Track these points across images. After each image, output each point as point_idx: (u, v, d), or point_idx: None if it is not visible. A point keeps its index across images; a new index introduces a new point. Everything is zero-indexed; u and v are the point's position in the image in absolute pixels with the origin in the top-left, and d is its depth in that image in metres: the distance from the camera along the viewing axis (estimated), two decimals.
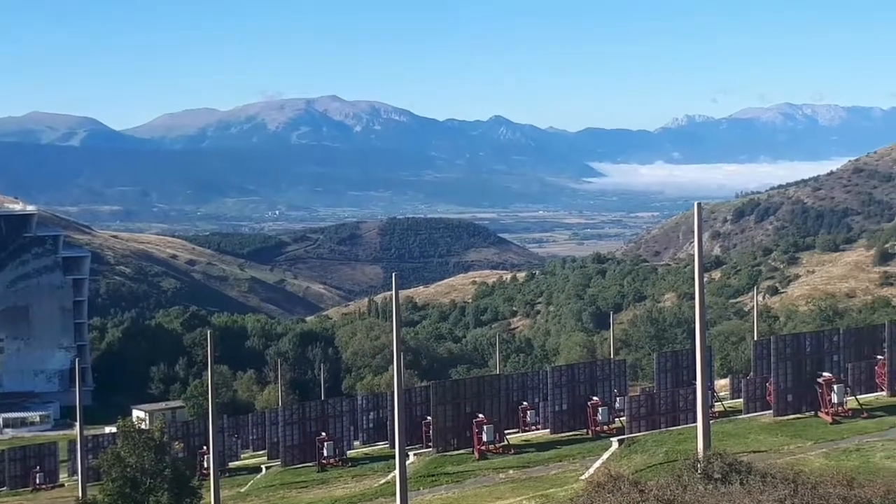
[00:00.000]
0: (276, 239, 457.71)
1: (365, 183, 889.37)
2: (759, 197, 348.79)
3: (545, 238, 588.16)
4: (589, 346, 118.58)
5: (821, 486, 15.28)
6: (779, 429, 35.46)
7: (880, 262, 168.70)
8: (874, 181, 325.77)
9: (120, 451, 34.84)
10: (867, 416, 36.71)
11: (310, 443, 47.53)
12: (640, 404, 40.12)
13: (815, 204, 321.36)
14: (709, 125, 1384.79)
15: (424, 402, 46.22)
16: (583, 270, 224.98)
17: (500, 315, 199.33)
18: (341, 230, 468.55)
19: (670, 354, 50.08)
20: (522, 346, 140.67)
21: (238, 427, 70.14)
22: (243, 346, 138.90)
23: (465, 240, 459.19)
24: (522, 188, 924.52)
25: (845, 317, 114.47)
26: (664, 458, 31.78)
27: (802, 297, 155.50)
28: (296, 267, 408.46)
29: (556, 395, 43.71)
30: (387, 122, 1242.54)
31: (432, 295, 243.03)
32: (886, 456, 29.15)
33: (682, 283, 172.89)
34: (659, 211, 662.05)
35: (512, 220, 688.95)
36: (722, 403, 46.36)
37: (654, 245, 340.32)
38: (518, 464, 37.88)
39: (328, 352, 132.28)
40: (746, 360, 77.81)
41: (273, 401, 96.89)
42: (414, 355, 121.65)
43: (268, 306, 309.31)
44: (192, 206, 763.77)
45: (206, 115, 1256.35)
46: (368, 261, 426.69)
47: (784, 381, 37.86)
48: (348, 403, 53.20)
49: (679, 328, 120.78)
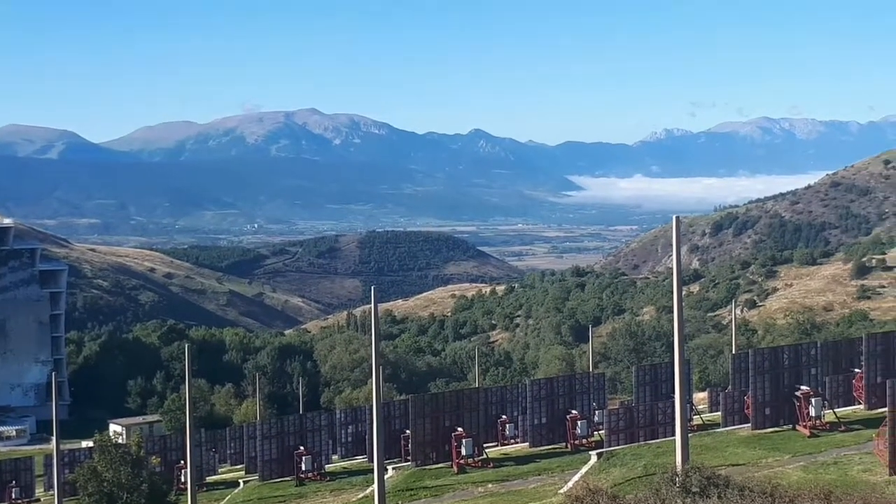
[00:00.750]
0: (254, 252, 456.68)
1: (344, 196, 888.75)
2: (738, 210, 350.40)
3: (524, 251, 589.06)
4: (568, 359, 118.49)
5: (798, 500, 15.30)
6: (757, 442, 35.53)
7: (857, 275, 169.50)
8: (851, 195, 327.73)
9: (96, 465, 34.65)
10: (845, 429, 36.82)
11: (288, 457, 47.30)
12: (618, 418, 40.14)
13: (792, 218, 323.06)
14: (687, 139, 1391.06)
15: (403, 416, 46.13)
16: (562, 284, 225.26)
17: (479, 328, 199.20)
18: (320, 243, 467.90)
19: (649, 368, 50.12)
20: (501, 359, 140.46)
21: (216, 441, 69.75)
22: (221, 359, 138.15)
23: (444, 253, 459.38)
24: (502, 201, 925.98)
25: (823, 330, 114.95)
26: (643, 471, 31.78)
27: (780, 310, 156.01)
28: (274, 280, 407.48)
29: (535, 408, 43.66)
30: (366, 135, 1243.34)
31: (411, 308, 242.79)
32: (864, 469, 29.23)
33: (661, 297, 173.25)
34: (638, 224, 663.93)
35: (491, 234, 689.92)
36: (700, 417, 46.42)
37: (633, 258, 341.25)
38: (497, 477, 37.81)
39: (307, 365, 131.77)
40: (725, 373, 78.03)
41: (251, 415, 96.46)
42: (393, 369, 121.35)
43: (246, 320, 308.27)
44: (171, 219, 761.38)
45: (185, 127, 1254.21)
46: (347, 274, 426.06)
47: (762, 394, 37.97)
48: (327, 417, 52.98)
49: (658, 341, 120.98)
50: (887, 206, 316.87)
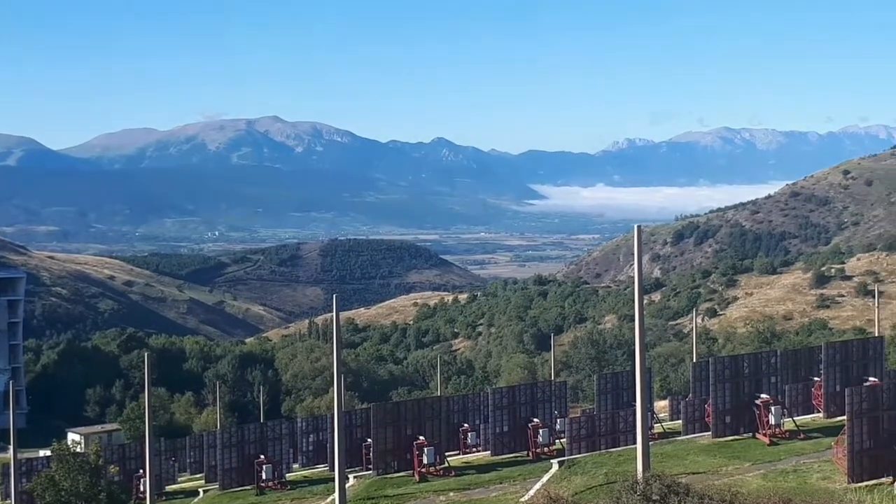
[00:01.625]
0: (215, 260, 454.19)
1: (306, 204, 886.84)
2: (698, 220, 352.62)
3: (487, 260, 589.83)
4: (530, 367, 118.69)
5: None
6: (717, 450, 35.68)
7: (817, 284, 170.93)
8: (811, 205, 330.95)
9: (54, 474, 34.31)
10: (804, 437, 37.07)
11: (248, 466, 46.94)
12: (580, 426, 40.18)
13: (753, 227, 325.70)
14: (649, 148, 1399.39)
15: (365, 425, 45.93)
16: (524, 292, 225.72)
17: (441, 337, 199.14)
18: (282, 251, 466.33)
19: (610, 376, 50.27)
20: (464, 367, 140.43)
21: (175, 450, 69.19)
22: (181, 368, 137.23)
23: (406, 261, 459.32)
24: (465, 210, 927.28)
25: (783, 339, 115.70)
26: (604, 479, 31.82)
27: (741, 319, 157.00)
28: (235, 288, 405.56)
29: (496, 416, 43.61)
30: (329, 143, 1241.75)
31: (373, 316, 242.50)
32: (823, 477, 29.43)
33: (623, 305, 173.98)
34: (600, 233, 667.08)
35: (454, 242, 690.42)
36: (661, 425, 46.58)
37: (595, 267, 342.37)
38: (458, 486, 37.72)
39: (268, 374, 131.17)
40: (686, 381, 78.46)
41: (211, 423, 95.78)
42: (354, 377, 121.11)
43: (207, 328, 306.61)
44: (131, 227, 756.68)
45: (145, 134, 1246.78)
46: (309, 282, 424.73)
47: (722, 402, 38.15)
48: (288, 426, 52.69)
49: (619, 350, 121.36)
50: (846, 215, 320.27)
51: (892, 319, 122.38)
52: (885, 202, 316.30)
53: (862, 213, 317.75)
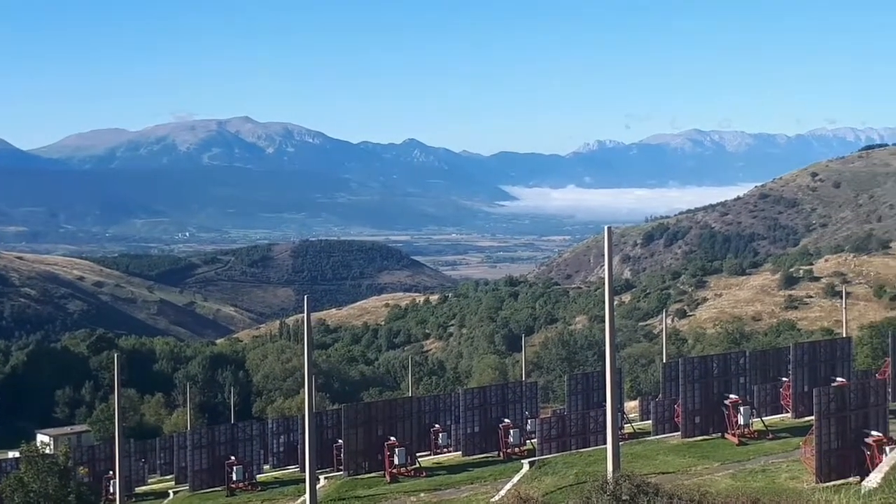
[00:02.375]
0: (186, 261, 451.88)
1: (277, 205, 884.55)
2: (668, 221, 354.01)
3: (458, 261, 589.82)
4: (501, 368, 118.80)
5: None
6: (687, 450, 35.89)
7: (785, 285, 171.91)
8: (779, 207, 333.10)
9: (23, 476, 34.06)
10: (772, 437, 37.35)
11: (219, 467, 46.81)
12: (551, 426, 40.30)
13: (722, 228, 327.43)
14: (619, 150, 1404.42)
15: (336, 426, 45.94)
16: (495, 293, 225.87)
17: (412, 338, 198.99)
18: (253, 252, 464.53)
19: (581, 377, 50.39)
20: (435, 368, 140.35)
21: (145, 451, 68.90)
22: (151, 369, 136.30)
23: (378, 262, 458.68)
24: (436, 211, 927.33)
25: (751, 339, 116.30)
26: (574, 479, 31.94)
27: (710, 319, 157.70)
28: (206, 289, 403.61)
29: (467, 417, 43.69)
30: (300, 143, 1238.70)
31: (345, 317, 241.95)
32: (791, 477, 29.65)
33: (593, 306, 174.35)
34: (570, 234, 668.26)
35: (425, 243, 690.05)
36: (632, 425, 46.79)
37: (566, 268, 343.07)
38: (429, 486, 37.76)
39: (238, 375, 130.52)
40: (656, 381, 78.80)
41: (181, 424, 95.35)
42: (326, 378, 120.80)
43: (177, 329, 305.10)
44: (101, 228, 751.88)
45: (116, 135, 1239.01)
46: (280, 283, 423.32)
47: (692, 402, 38.38)
48: (258, 427, 52.58)
49: (590, 350, 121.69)
50: (814, 217, 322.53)
51: (859, 320, 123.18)
52: (852, 204, 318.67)
53: (830, 215, 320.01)
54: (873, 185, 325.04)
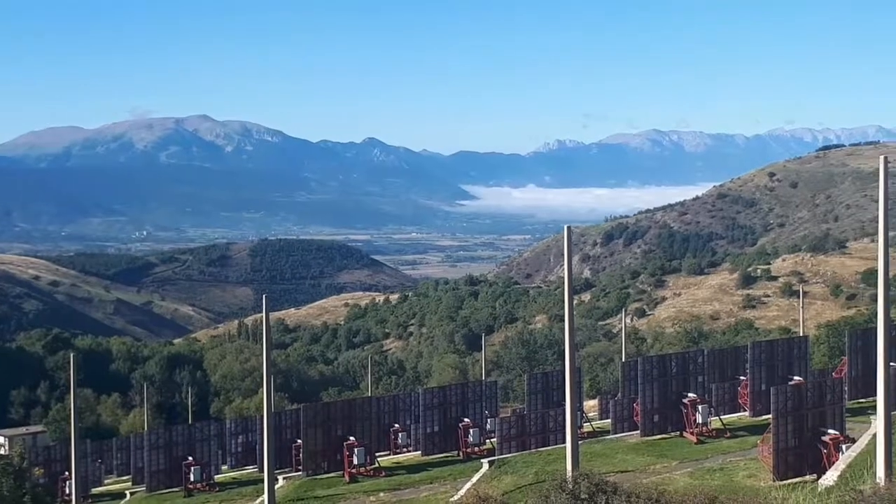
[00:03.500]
0: (143, 260, 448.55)
1: (236, 204, 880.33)
2: (628, 221, 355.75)
3: (418, 260, 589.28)
4: (461, 367, 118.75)
5: None
6: (645, 449, 36.02)
7: (743, 285, 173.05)
8: (737, 206, 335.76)
9: None
10: (730, 435, 37.57)
11: (176, 467, 46.47)
12: (510, 425, 40.31)
13: (681, 228, 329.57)
14: (579, 150, 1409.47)
15: (295, 425, 45.76)
16: (455, 292, 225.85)
17: (372, 337, 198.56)
18: (211, 251, 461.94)
19: (541, 376, 50.47)
20: (395, 368, 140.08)
21: (102, 452, 68.14)
22: (108, 369, 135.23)
23: (337, 261, 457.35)
24: (396, 210, 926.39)
25: (710, 338, 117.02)
26: (533, 478, 31.95)
27: (669, 318, 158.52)
28: (164, 288, 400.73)
29: (427, 416, 43.62)
30: (259, 142, 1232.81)
31: (304, 317, 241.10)
32: (749, 475, 29.81)
33: (553, 305, 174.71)
34: (530, 234, 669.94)
35: (385, 242, 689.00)
36: (591, 424, 46.88)
37: (526, 267, 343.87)
38: (389, 486, 37.68)
39: (196, 375, 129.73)
40: (615, 380, 78.98)
41: (138, 425, 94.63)
42: (284, 378, 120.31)
43: (134, 329, 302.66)
44: (57, 227, 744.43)
45: (72, 133, 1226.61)
46: (239, 282, 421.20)
47: (651, 401, 38.54)
48: (216, 427, 52.17)
49: (550, 349, 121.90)
50: (772, 217, 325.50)
51: (816, 319, 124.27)
52: (809, 204, 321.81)
53: (787, 215, 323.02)
54: (830, 186, 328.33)
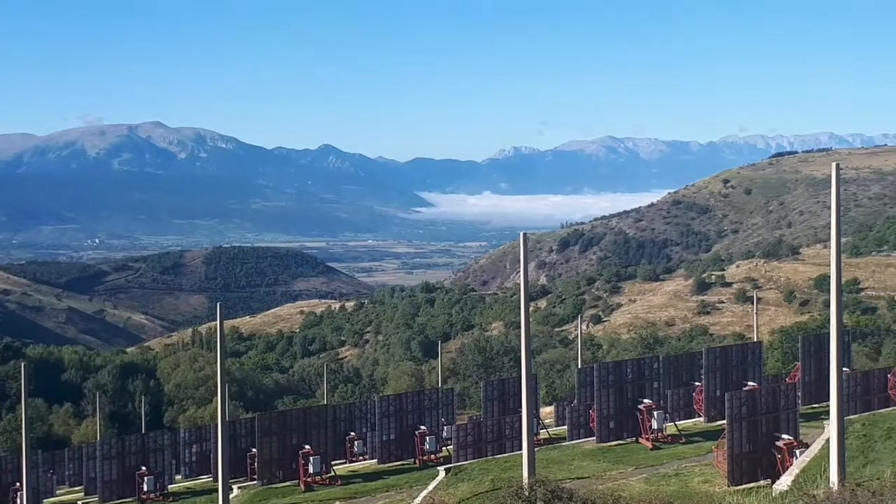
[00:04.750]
0: (95, 268, 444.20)
1: (189, 211, 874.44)
2: (584, 227, 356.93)
3: (374, 267, 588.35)
4: (417, 375, 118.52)
5: None
6: (601, 455, 36.07)
7: (698, 291, 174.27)
8: (692, 213, 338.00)
9: None
10: (685, 441, 37.72)
11: (129, 477, 45.96)
12: (467, 433, 40.26)
13: (636, 234, 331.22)
14: (535, 157, 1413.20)
15: (249, 434, 45.42)
16: (411, 300, 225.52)
17: (328, 345, 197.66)
18: (164, 259, 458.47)
19: (497, 383, 50.45)
20: (350, 375, 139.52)
21: (54, 462, 67.39)
22: (60, 378, 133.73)
23: (292, 269, 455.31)
24: (351, 217, 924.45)
25: (665, 344, 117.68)
26: (490, 485, 31.88)
27: (624, 325, 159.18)
28: (116, 297, 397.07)
29: (383, 424, 43.49)
30: (213, 149, 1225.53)
31: (259, 325, 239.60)
32: (704, 480, 29.91)
33: (509, 312, 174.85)
34: (487, 241, 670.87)
35: (341, 250, 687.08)
36: (547, 431, 46.92)
37: (482, 274, 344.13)
38: (344, 495, 37.49)
39: (149, 384, 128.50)
40: (571, 387, 79.26)
41: (91, 435, 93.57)
42: (239, 386, 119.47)
43: (86, 337, 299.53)
44: (7, 234, 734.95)
45: (22, 140, 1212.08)
46: (193, 290, 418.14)
47: (606, 407, 38.61)
48: (170, 436, 51.72)
49: (506, 356, 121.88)
50: (726, 223, 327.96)
51: (770, 325, 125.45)
52: (763, 210, 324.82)
53: (741, 221, 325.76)
54: (783, 192, 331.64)
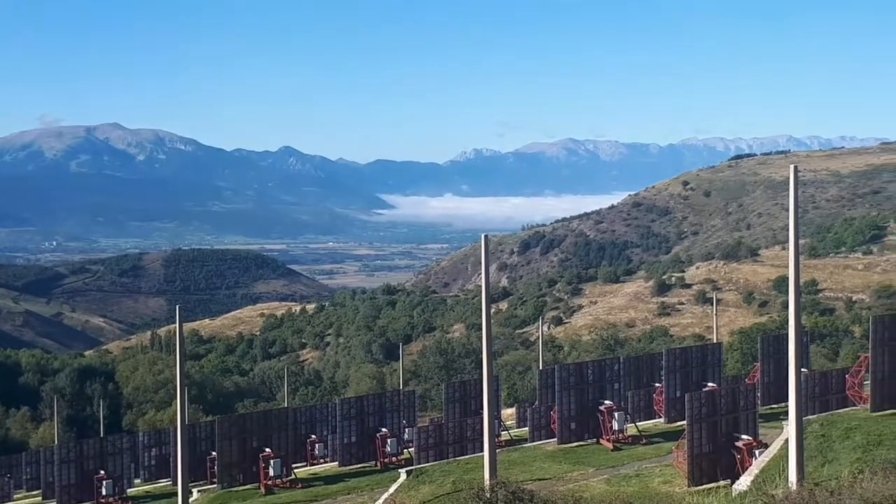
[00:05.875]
0: (53, 271, 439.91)
1: (148, 213, 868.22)
2: (544, 229, 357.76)
3: (335, 269, 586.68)
4: (378, 377, 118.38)
5: None
6: (562, 456, 36.13)
7: (658, 293, 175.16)
8: (652, 215, 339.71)
9: None
10: (646, 442, 37.87)
11: (87, 482, 45.56)
12: (428, 435, 40.21)
13: (597, 236, 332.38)
14: (496, 159, 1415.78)
15: (209, 438, 45.19)
16: (373, 302, 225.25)
17: (288, 347, 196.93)
18: (123, 262, 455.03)
19: (458, 385, 50.48)
20: (311, 378, 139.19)
21: (10, 466, 66.77)
22: (17, 382, 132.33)
23: (253, 271, 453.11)
24: (312, 219, 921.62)
25: (626, 346, 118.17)
26: (451, 487, 31.84)
27: (585, 326, 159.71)
28: (74, 300, 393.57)
29: (344, 427, 43.38)
30: (171, 151, 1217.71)
31: (219, 328, 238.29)
32: (664, 481, 30.02)
33: (471, 314, 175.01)
34: (448, 243, 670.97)
35: (302, 252, 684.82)
36: (508, 432, 46.97)
37: (444, 276, 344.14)
38: (305, 498, 37.35)
39: (108, 387, 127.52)
40: (532, 389, 79.33)
41: (49, 439, 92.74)
42: (199, 389, 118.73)
43: (44, 341, 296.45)
44: None
45: None
46: (152, 293, 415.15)
47: (567, 409, 38.69)
48: (129, 440, 51.30)
49: (467, 358, 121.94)
50: (686, 225, 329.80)
51: (729, 326, 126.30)
52: (722, 212, 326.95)
53: (701, 223, 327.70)
54: (742, 194, 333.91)
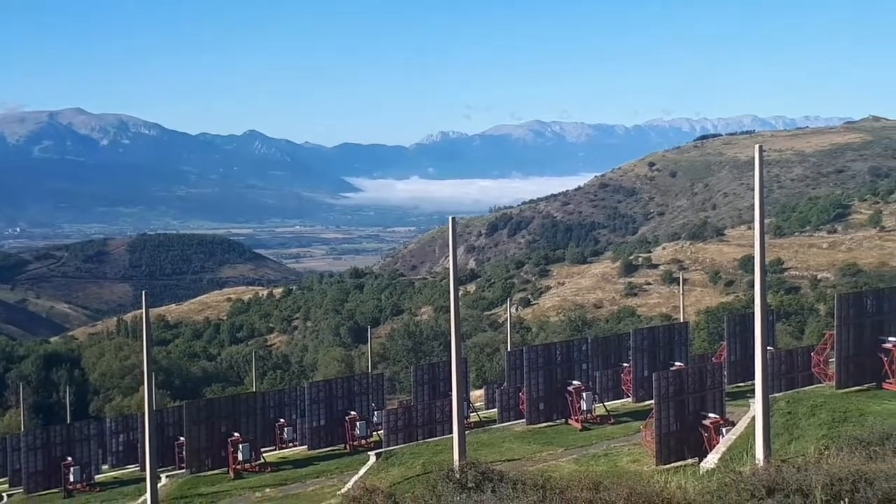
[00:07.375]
0: (16, 257, 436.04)
1: (113, 198, 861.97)
2: (512, 211, 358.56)
3: (302, 253, 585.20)
4: (347, 360, 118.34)
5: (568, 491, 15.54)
6: (532, 437, 36.26)
7: (625, 273, 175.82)
8: (619, 196, 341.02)
9: None
10: (614, 421, 38.07)
11: (55, 468, 45.40)
12: (397, 417, 40.25)
13: (564, 218, 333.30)
14: (463, 141, 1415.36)
15: (177, 423, 45.14)
16: (340, 285, 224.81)
17: (256, 332, 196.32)
18: (87, 247, 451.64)
19: (427, 367, 50.57)
20: (279, 362, 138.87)
21: None
22: None
23: (219, 256, 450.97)
24: (278, 203, 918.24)
25: (593, 326, 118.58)
26: (421, 469, 31.90)
27: (553, 308, 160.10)
28: (39, 286, 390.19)
29: (313, 410, 43.36)
30: (136, 135, 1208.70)
31: (185, 313, 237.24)
32: (632, 460, 30.21)
33: (439, 297, 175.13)
34: (415, 225, 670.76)
35: (268, 236, 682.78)
36: (478, 414, 47.08)
37: (411, 259, 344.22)
38: (275, 482, 37.30)
39: (74, 374, 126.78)
40: (501, 370, 79.54)
41: (14, 426, 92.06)
42: (166, 375, 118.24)
43: (8, 328, 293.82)
44: None
45: None
46: (117, 279, 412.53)
47: (536, 390, 38.82)
48: (96, 426, 51.05)
49: (436, 341, 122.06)
50: (652, 206, 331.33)
51: (696, 306, 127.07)
52: (688, 193, 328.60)
53: (667, 204, 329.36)
54: (708, 174, 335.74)
